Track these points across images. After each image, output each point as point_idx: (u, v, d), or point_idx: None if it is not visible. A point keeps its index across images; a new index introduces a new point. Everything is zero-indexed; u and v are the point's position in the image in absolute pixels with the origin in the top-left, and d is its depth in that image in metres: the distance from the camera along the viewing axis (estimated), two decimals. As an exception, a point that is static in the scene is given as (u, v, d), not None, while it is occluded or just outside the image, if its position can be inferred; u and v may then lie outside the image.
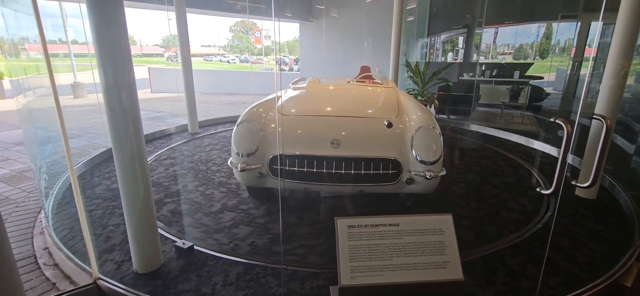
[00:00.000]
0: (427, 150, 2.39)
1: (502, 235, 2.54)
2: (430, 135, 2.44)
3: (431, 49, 10.91)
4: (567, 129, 1.67)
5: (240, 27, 30.70)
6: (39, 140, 3.52)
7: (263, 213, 2.82)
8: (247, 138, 2.51)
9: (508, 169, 3.96)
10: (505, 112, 7.39)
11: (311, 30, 11.33)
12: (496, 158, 4.35)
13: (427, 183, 2.39)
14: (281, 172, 2.49)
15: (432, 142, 2.42)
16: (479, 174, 3.78)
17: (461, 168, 3.99)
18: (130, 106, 1.81)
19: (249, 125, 2.56)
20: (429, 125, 2.48)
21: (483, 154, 4.54)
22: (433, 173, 2.35)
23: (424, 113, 2.69)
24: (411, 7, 8.33)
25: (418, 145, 2.41)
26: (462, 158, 4.37)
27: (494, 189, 3.37)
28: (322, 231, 2.55)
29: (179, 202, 3.03)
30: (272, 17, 3.13)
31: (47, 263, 2.25)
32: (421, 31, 9.32)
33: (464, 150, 4.80)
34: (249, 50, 28.38)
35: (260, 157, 2.47)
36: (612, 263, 2.18)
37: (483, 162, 4.19)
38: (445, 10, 9.01)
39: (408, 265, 1.64)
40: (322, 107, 2.95)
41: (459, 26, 9.30)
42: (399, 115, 2.70)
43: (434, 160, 2.38)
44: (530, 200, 3.12)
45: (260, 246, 2.37)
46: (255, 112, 2.73)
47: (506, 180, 3.60)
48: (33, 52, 3.25)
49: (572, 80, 7.28)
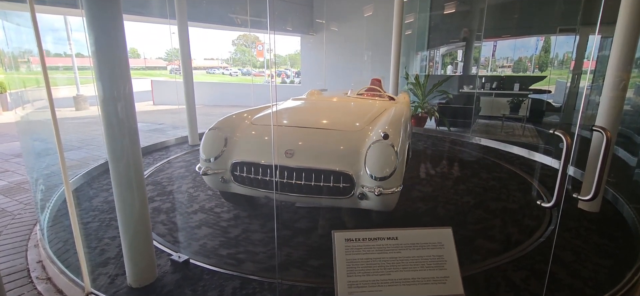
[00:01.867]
0: (378, 165, 2.28)
1: (503, 248, 2.50)
2: (384, 150, 2.32)
3: (431, 62, 11.00)
4: (566, 141, 1.65)
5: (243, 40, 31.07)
6: (36, 152, 3.52)
7: (231, 217, 2.83)
8: (211, 144, 2.63)
9: (509, 181, 3.92)
10: (505, 124, 7.39)
11: (312, 44, 11.46)
12: (496, 170, 4.31)
13: (380, 200, 2.27)
14: (241, 178, 2.56)
15: (384, 157, 2.30)
16: (479, 186, 3.74)
17: (461, 180, 3.95)
18: (127, 118, 1.80)
19: (216, 132, 2.68)
20: (387, 141, 2.36)
21: (483, 166, 4.50)
22: (382, 190, 2.21)
23: (391, 128, 2.55)
24: (410, 21, 8.43)
25: (370, 160, 2.31)
26: (463, 170, 4.33)
27: (494, 202, 3.32)
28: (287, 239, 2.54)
29: (173, 208, 3.00)
30: (268, 30, 3.20)
31: (40, 276, 2.21)
32: (421, 44, 9.41)
33: (464, 162, 4.77)
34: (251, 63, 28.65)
35: (223, 162, 2.58)
36: (618, 279, 2.12)
37: (483, 174, 4.16)
38: (444, 23, 9.11)
39: (407, 280, 1.60)
40: (294, 118, 2.97)
41: (457, 39, 9.38)
42: (363, 129, 2.62)
43: (383, 176, 2.26)
44: (532, 213, 3.07)
45: (209, 248, 2.44)
46: (226, 120, 2.86)
47: (507, 193, 3.56)
48: (35, 65, 3.28)
49: (572, 92, 7.29)
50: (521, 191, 3.65)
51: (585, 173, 3.08)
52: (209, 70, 30.64)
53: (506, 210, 3.14)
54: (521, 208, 3.20)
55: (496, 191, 3.61)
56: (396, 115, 3.06)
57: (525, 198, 3.47)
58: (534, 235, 2.69)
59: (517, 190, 3.68)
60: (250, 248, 2.48)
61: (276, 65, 12.48)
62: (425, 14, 8.83)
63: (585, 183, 3.09)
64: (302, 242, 2.57)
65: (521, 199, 3.42)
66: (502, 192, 3.58)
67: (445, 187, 3.73)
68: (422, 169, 4.35)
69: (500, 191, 3.61)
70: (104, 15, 1.68)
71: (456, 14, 8.48)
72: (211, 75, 28.41)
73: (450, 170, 4.35)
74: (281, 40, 13.51)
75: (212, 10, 8.72)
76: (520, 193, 3.58)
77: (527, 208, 3.21)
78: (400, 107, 3.73)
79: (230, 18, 9.10)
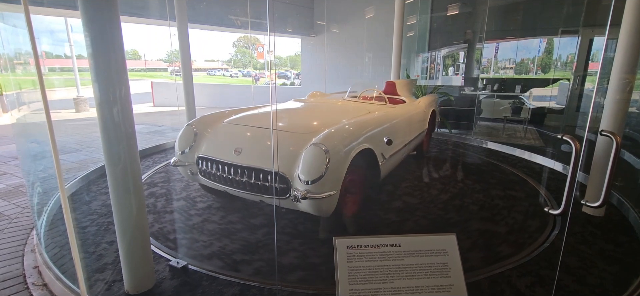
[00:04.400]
0: (307, 168, 2.28)
1: (507, 254, 2.45)
2: (315, 154, 2.30)
3: (432, 64, 10.95)
4: (575, 147, 1.60)
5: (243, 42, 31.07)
6: (33, 155, 3.48)
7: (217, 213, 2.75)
8: (183, 138, 2.89)
9: (512, 184, 3.87)
10: (507, 126, 7.34)
11: (312, 45, 11.43)
12: (498, 173, 4.27)
13: (310, 203, 2.27)
14: (203, 172, 2.73)
15: (314, 161, 2.29)
16: (483, 190, 3.70)
17: (463, 182, 3.91)
18: (124, 121, 1.77)
19: (189, 128, 2.92)
20: (320, 145, 2.34)
21: (485, 169, 4.46)
22: (309, 194, 2.22)
23: (337, 133, 2.53)
24: (411, 23, 8.39)
25: (302, 163, 2.32)
26: (466, 173, 4.29)
27: (497, 206, 3.28)
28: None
29: (170, 210, 2.96)
30: (267, 32, 3.23)
31: (36, 282, 2.17)
32: (422, 46, 9.36)
33: (466, 164, 4.73)
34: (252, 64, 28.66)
35: (191, 156, 2.82)
36: (625, 285, 2.08)
37: (485, 177, 4.11)
38: (446, 25, 9.07)
39: (410, 289, 1.56)
40: (262, 119, 3.04)
41: (459, 41, 9.34)
42: (310, 133, 2.60)
43: (310, 179, 2.25)
44: (535, 217, 3.02)
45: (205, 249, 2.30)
46: (203, 118, 3.07)
47: (511, 196, 3.52)
48: (32, 66, 3.25)
49: (574, 94, 7.24)
50: (526, 196, 3.61)
51: (591, 177, 3.03)
52: (209, 71, 30.65)
53: (511, 215, 3.10)
54: (523, 212, 3.15)
55: (500, 197, 3.56)
56: (366, 120, 2.97)
57: (530, 203, 3.43)
58: (538, 239, 2.65)
59: (520, 192, 3.63)
60: (247, 253, 2.44)
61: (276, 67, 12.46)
62: (426, 16, 8.79)
63: (591, 188, 3.04)
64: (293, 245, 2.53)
65: (524, 202, 3.38)
66: (505, 198, 3.53)
67: (449, 194, 3.69)
68: (424, 171, 4.31)
69: (503, 197, 3.56)
70: (101, 17, 1.64)
71: (458, 16, 8.44)
72: (211, 76, 28.42)
73: (454, 173, 4.31)
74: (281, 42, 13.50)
75: (212, 11, 8.70)
76: (524, 198, 3.53)
77: (533, 213, 3.17)
78: (397, 111, 3.64)
79: (231, 19, 9.08)
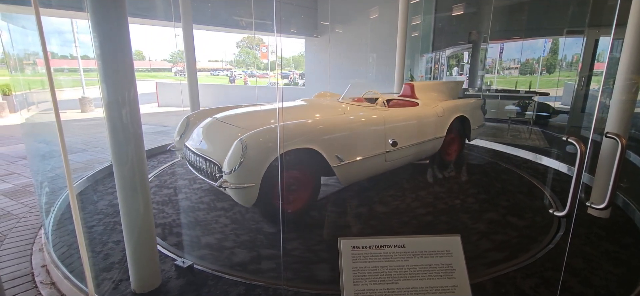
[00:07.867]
0: (227, 160, 2.53)
1: (512, 255, 2.45)
2: (235, 147, 2.52)
3: (436, 64, 10.92)
4: (580, 149, 1.60)
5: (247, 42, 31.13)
6: (41, 154, 3.53)
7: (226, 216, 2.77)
8: (179, 127, 3.47)
9: (516, 185, 3.86)
10: (511, 126, 7.30)
11: (316, 46, 11.44)
12: (502, 174, 4.25)
13: (233, 192, 2.48)
14: (187, 158, 3.09)
15: (232, 154, 2.51)
16: (487, 191, 3.69)
17: (468, 183, 3.90)
18: (132, 122, 1.79)
19: (185, 119, 3.49)
20: (242, 139, 2.52)
21: (489, 170, 4.45)
22: (225, 183, 2.48)
23: (264, 131, 2.63)
24: (416, 23, 8.38)
25: (228, 155, 2.54)
26: (469, 173, 4.28)
27: (502, 207, 3.27)
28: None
29: (177, 209, 2.98)
30: (274, 33, 3.30)
31: (44, 281, 2.20)
32: (426, 46, 9.35)
33: (470, 165, 4.71)
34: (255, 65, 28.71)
35: (181, 143, 3.31)
36: (631, 288, 2.07)
37: (489, 178, 4.10)
38: (450, 25, 9.05)
39: (415, 290, 1.56)
40: (237, 117, 3.28)
41: (464, 41, 9.31)
42: (252, 128, 2.76)
43: (227, 170, 2.49)
44: (540, 218, 3.01)
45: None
46: (200, 112, 3.60)
47: (515, 197, 3.51)
48: (40, 67, 3.29)
49: (579, 95, 7.19)
50: (529, 195, 3.59)
51: (596, 179, 3.01)
52: (213, 71, 30.74)
53: (515, 217, 3.09)
54: (528, 213, 3.14)
55: (505, 195, 3.55)
56: (320, 122, 3.04)
57: (535, 203, 3.41)
58: (543, 240, 2.64)
59: (525, 194, 3.62)
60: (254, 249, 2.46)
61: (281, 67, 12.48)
62: (430, 16, 8.77)
63: (596, 189, 3.02)
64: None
65: (529, 203, 3.37)
66: (510, 198, 3.52)
67: (454, 194, 3.69)
68: (428, 171, 4.31)
69: (508, 196, 3.55)
70: (109, 18, 1.67)
71: (462, 16, 8.42)
72: (215, 77, 28.50)
73: (458, 174, 4.30)
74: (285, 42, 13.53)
75: (216, 12, 8.74)
76: (526, 197, 3.52)
77: (539, 215, 3.16)
78: (393, 115, 3.46)
79: (235, 20, 9.12)
